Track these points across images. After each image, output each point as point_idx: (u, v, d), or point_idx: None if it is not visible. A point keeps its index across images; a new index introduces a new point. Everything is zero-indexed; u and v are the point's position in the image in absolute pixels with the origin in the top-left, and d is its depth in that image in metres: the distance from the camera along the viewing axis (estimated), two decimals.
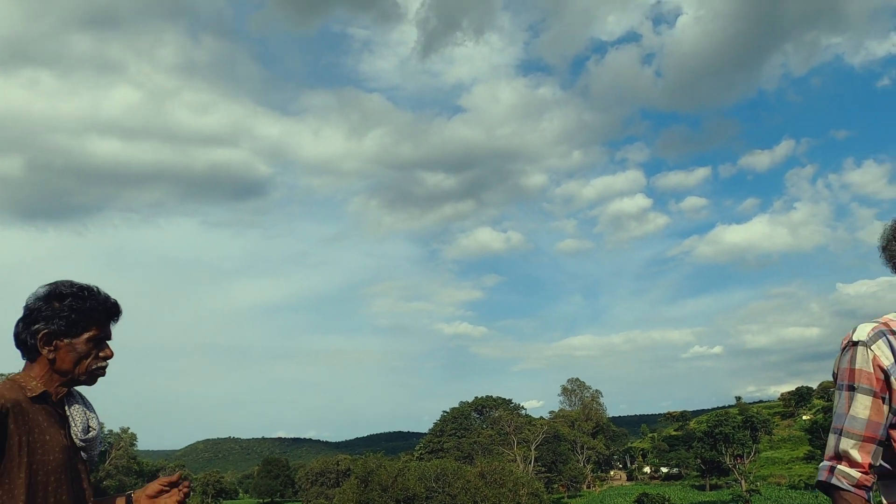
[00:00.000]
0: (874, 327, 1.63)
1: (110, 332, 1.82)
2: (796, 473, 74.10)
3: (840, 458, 1.62)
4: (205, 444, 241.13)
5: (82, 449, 1.77)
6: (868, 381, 1.59)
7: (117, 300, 1.85)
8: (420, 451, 77.41)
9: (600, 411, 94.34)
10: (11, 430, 1.58)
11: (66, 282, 1.79)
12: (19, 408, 1.61)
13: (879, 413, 1.58)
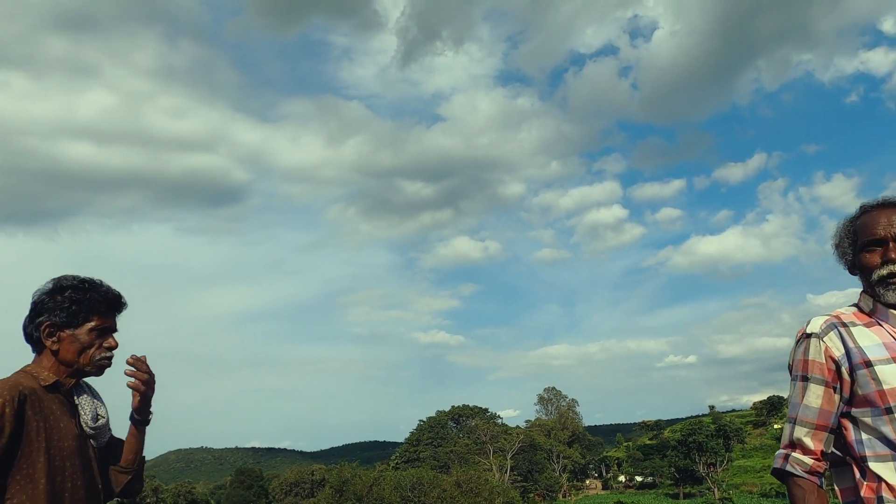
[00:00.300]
0: (826, 320, 1.68)
1: (114, 323, 1.88)
2: (768, 482, 75.07)
3: (794, 446, 1.67)
4: (176, 454, 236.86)
5: (92, 437, 1.83)
6: (820, 372, 1.64)
7: (120, 292, 1.90)
8: (396, 461, 76.97)
9: (576, 420, 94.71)
10: (29, 416, 1.64)
11: (68, 275, 1.86)
12: (35, 395, 1.68)
13: (831, 402, 1.63)
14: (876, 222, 1.67)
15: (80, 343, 1.79)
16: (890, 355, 1.58)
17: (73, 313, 1.79)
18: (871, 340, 1.62)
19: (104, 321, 1.83)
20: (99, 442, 1.87)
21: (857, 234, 1.71)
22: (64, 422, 1.73)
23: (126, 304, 1.92)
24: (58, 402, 1.75)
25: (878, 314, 1.66)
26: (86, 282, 1.84)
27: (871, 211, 1.70)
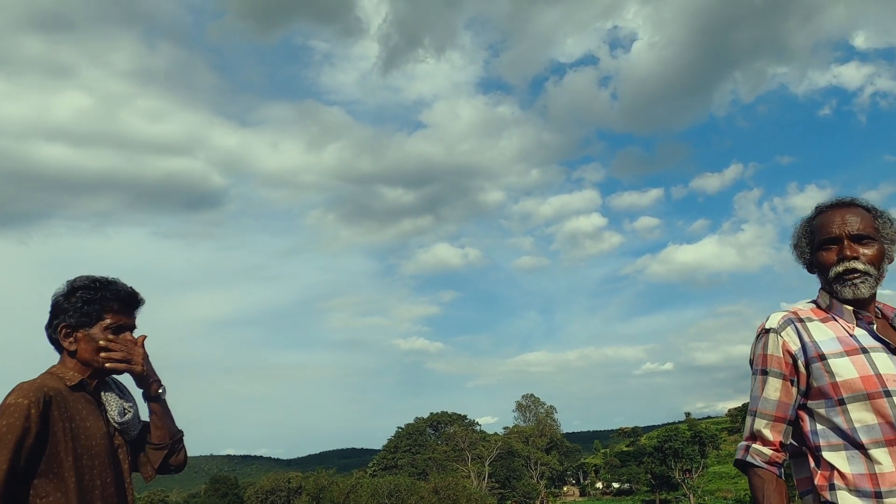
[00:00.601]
0: (784, 315, 1.75)
1: (129, 320, 1.89)
2: (742, 487, 75.98)
3: (755, 438, 1.73)
4: None
5: (120, 432, 1.86)
6: (778, 366, 1.70)
7: (134, 289, 1.91)
8: (373, 468, 76.53)
9: (554, 427, 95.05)
10: (55, 416, 1.67)
11: (82, 276, 1.88)
12: (61, 396, 1.71)
13: (789, 395, 1.70)
14: (831, 221, 1.73)
15: (96, 342, 1.81)
16: (843, 349, 1.64)
17: (86, 313, 1.81)
18: (826, 335, 1.68)
19: (118, 319, 1.85)
20: (129, 435, 1.89)
21: (814, 233, 1.78)
22: (91, 420, 1.76)
23: (142, 300, 1.93)
24: (84, 401, 1.78)
25: (833, 310, 1.73)
26: (98, 281, 1.86)
27: (826, 211, 1.77)
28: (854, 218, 1.71)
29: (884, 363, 1.61)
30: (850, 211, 1.73)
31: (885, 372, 1.59)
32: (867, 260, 1.69)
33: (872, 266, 1.69)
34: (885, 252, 1.72)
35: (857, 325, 1.69)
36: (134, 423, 1.91)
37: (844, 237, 1.70)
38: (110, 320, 1.84)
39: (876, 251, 1.70)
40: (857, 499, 1.56)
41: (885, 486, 1.54)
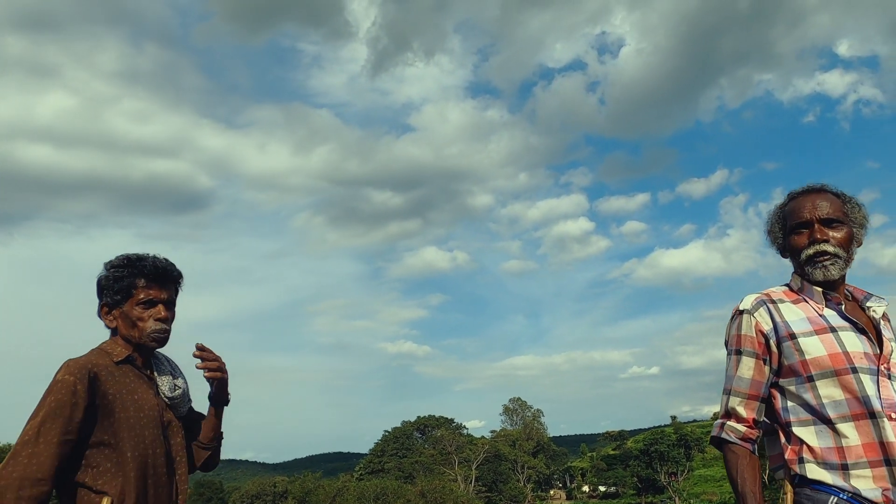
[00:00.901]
0: (757, 297, 1.82)
1: (163, 293, 1.91)
2: (727, 490, 76.48)
3: (729, 416, 1.80)
4: None
5: (171, 407, 1.92)
6: (752, 345, 1.78)
7: (167, 262, 1.94)
8: (360, 472, 76.24)
9: (541, 430, 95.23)
10: (103, 390, 1.75)
11: (119, 255, 1.95)
12: (107, 371, 1.79)
13: (762, 373, 1.77)
14: (802, 207, 1.82)
15: (131, 318, 1.87)
16: (812, 328, 1.72)
17: (117, 291, 1.88)
18: (797, 315, 1.76)
19: (147, 293, 1.88)
20: (179, 412, 1.96)
21: (786, 218, 1.86)
22: (139, 393, 1.83)
23: (176, 273, 1.96)
24: (133, 376, 1.85)
25: (804, 292, 1.81)
26: (128, 258, 1.92)
27: (797, 197, 1.86)
28: (824, 203, 1.79)
29: (851, 342, 1.69)
30: (820, 196, 1.81)
31: (852, 350, 1.67)
32: (837, 243, 1.76)
33: (842, 248, 1.77)
34: (854, 235, 1.80)
35: (826, 306, 1.77)
36: (184, 399, 1.97)
37: (815, 221, 1.78)
38: (142, 295, 1.88)
39: (845, 234, 1.78)
40: (824, 471, 1.64)
41: (851, 458, 1.61)
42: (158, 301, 1.90)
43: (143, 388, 1.85)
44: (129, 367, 1.87)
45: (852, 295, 1.85)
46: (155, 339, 1.89)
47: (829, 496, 1.62)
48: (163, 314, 1.89)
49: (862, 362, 1.65)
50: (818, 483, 1.64)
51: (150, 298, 1.88)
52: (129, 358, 1.87)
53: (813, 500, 1.64)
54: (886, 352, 1.70)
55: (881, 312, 1.80)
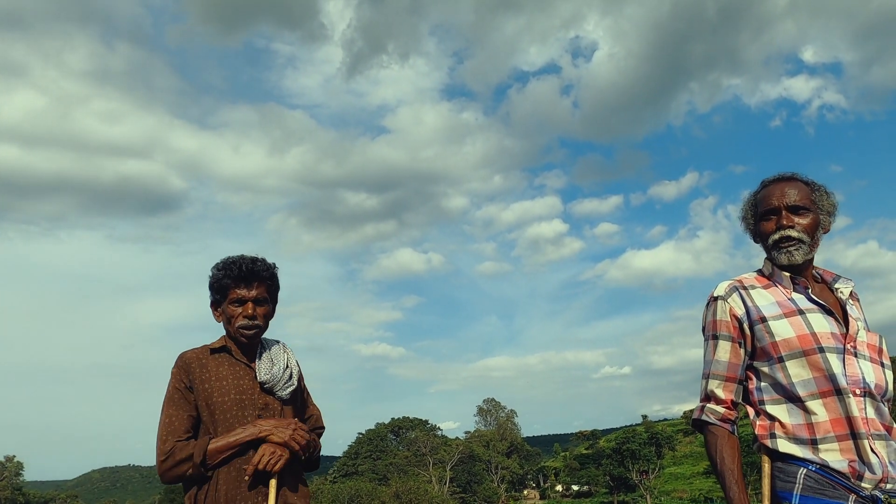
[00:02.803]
0: (730, 284, 1.92)
1: (251, 292, 2.10)
2: (697, 487, 77.78)
3: (709, 399, 1.88)
4: (101, 472, 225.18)
5: (267, 390, 2.09)
6: (727, 329, 1.87)
7: (256, 263, 2.13)
8: (334, 475, 75.66)
9: (515, 431, 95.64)
10: (194, 378, 2.03)
11: (222, 259, 2.16)
12: (199, 361, 2.06)
13: (738, 356, 1.86)
14: (771, 194, 1.92)
15: (228, 316, 2.11)
16: (782, 311, 1.82)
17: (217, 290, 2.13)
18: (767, 300, 1.86)
19: (235, 293, 2.10)
20: (279, 395, 2.11)
21: (757, 205, 1.96)
22: (230, 379, 2.05)
23: (264, 272, 2.14)
24: (227, 363, 2.09)
25: (774, 277, 1.91)
26: (225, 261, 2.14)
27: (769, 185, 1.95)
28: (792, 190, 1.89)
29: (818, 323, 1.79)
30: (788, 184, 1.91)
31: (820, 331, 1.77)
32: (802, 229, 1.86)
33: (806, 234, 1.86)
34: (821, 222, 1.90)
35: (794, 290, 1.87)
36: (278, 384, 2.11)
37: (782, 208, 1.88)
38: (233, 295, 2.10)
39: (810, 221, 1.87)
40: (794, 445, 1.74)
41: (819, 433, 1.71)
42: (248, 299, 2.10)
43: (237, 375, 2.07)
44: (226, 355, 2.10)
45: (822, 277, 1.95)
46: (243, 335, 2.10)
47: (799, 468, 1.71)
48: (250, 311, 2.09)
49: (829, 342, 1.75)
50: (789, 456, 1.74)
51: (240, 297, 2.09)
52: (224, 348, 2.11)
53: (784, 472, 1.74)
54: (852, 331, 1.79)
55: (848, 293, 1.90)
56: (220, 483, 1.95)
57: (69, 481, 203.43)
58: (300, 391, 2.26)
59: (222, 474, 1.97)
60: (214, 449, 1.95)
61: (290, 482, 2.06)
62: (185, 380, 2.03)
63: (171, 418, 2.00)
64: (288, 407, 2.13)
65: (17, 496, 67.25)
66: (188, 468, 1.93)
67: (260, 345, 2.17)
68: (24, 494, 70.31)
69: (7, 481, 66.63)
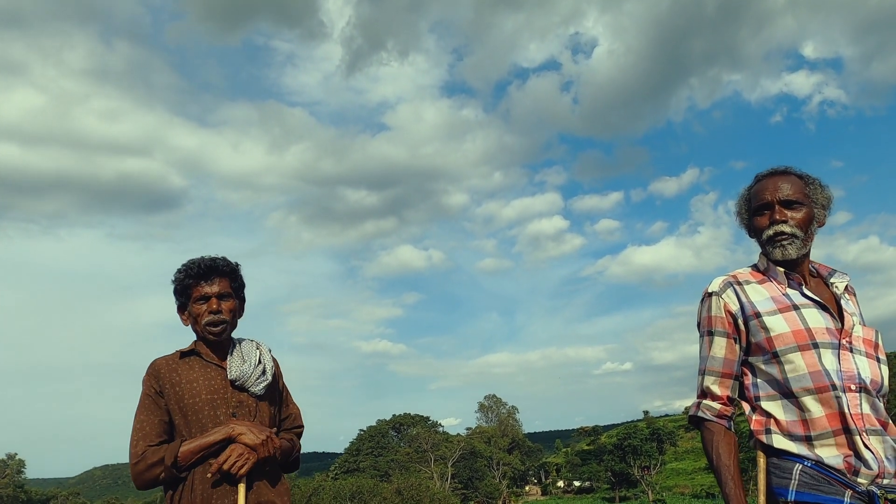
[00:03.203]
0: (724, 279, 1.91)
1: (209, 289, 2.10)
2: (699, 483, 77.87)
3: (705, 395, 1.87)
4: (102, 470, 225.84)
5: (239, 388, 2.09)
6: (722, 325, 1.86)
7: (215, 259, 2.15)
8: (335, 471, 75.81)
9: (516, 427, 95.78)
10: (163, 382, 2.05)
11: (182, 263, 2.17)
12: (168, 366, 2.08)
13: (733, 352, 1.85)
14: (765, 189, 1.90)
15: (193, 315, 2.12)
16: (776, 307, 1.81)
17: (181, 293, 2.14)
18: (762, 295, 1.84)
19: (198, 291, 2.11)
20: (252, 391, 2.11)
21: (751, 200, 1.94)
22: (201, 381, 2.07)
23: (221, 266, 2.14)
24: (198, 365, 2.10)
25: (769, 272, 1.89)
26: (185, 264, 2.15)
27: (762, 179, 1.93)
28: (785, 185, 1.87)
29: (813, 318, 1.77)
30: (782, 178, 1.89)
31: (814, 326, 1.75)
32: (795, 223, 1.84)
33: (799, 229, 1.84)
34: (815, 216, 1.88)
35: (788, 285, 1.85)
36: (249, 379, 2.10)
37: (775, 203, 1.86)
38: (196, 293, 2.11)
39: (804, 215, 1.85)
40: (790, 441, 1.73)
41: (815, 430, 1.70)
42: (211, 295, 2.10)
43: (208, 376, 2.08)
44: (196, 357, 2.11)
45: (818, 272, 1.93)
46: (210, 332, 2.10)
47: (795, 464, 1.70)
48: (214, 306, 2.09)
49: (824, 337, 1.74)
50: (784, 452, 1.73)
51: (203, 294, 2.10)
52: (193, 351, 2.12)
53: (780, 468, 1.73)
54: (848, 326, 1.78)
55: (843, 287, 1.88)
56: (195, 483, 1.97)
57: (71, 479, 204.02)
58: (277, 388, 2.24)
59: (198, 475, 1.98)
60: (187, 451, 1.97)
61: (268, 478, 2.07)
62: (156, 385, 2.06)
63: (143, 423, 2.02)
64: (263, 402, 2.13)
65: (19, 494, 67.43)
66: (160, 471, 1.95)
67: (232, 344, 2.17)
68: (26, 492, 70.48)
69: (9, 479, 66.80)
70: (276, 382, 2.23)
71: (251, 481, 2.02)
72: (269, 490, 2.06)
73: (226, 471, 1.96)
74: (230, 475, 1.97)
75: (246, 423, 2.04)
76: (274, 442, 2.04)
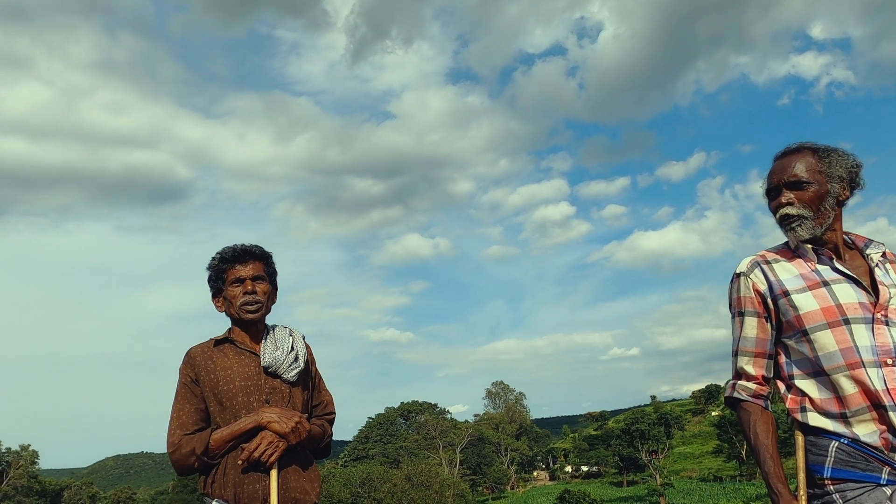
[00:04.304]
0: (752, 259, 1.88)
1: (244, 271, 2.12)
2: (706, 467, 78.23)
3: (739, 376, 1.86)
4: (115, 460, 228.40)
5: (272, 374, 2.10)
6: (752, 305, 1.83)
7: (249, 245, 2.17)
8: (345, 459, 76.40)
9: (524, 413, 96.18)
10: (200, 368, 2.08)
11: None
12: (203, 353, 2.11)
13: (765, 331, 1.83)
14: (773, 171, 1.87)
15: (228, 298, 2.13)
16: (805, 284, 1.78)
17: (216, 278, 2.16)
18: (790, 273, 1.82)
19: (232, 274, 2.13)
20: (285, 378, 2.11)
21: (766, 181, 1.91)
22: (235, 368, 2.08)
23: (257, 251, 2.17)
24: (232, 352, 2.11)
25: (798, 249, 1.86)
26: (218, 252, 2.18)
27: (774, 161, 1.90)
28: (792, 165, 1.82)
29: (844, 293, 1.74)
30: (790, 158, 1.84)
31: (845, 301, 1.72)
32: (801, 204, 1.80)
33: (807, 209, 1.79)
34: (829, 191, 1.81)
35: (818, 262, 1.82)
36: (281, 366, 2.10)
37: (781, 185, 1.83)
38: (231, 277, 2.13)
39: (812, 193, 1.80)
40: (825, 419, 1.70)
41: (849, 407, 1.67)
42: (245, 277, 2.12)
43: (242, 363, 2.09)
44: (229, 345, 2.13)
45: (854, 243, 1.89)
46: (247, 311, 2.11)
47: (831, 441, 1.68)
48: (249, 287, 2.11)
49: (856, 312, 1.70)
50: (820, 430, 1.71)
51: (238, 276, 2.12)
52: (227, 339, 2.14)
53: (816, 446, 1.71)
54: (883, 299, 1.74)
55: (878, 257, 1.83)
56: (228, 469, 2.00)
57: (84, 469, 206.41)
58: (310, 375, 2.25)
59: (230, 461, 2.01)
60: (218, 439, 2.00)
61: (300, 464, 2.08)
62: (191, 373, 2.09)
63: (179, 412, 2.06)
64: (296, 389, 2.14)
65: (33, 484, 68.23)
66: (194, 460, 2.00)
67: (266, 330, 2.19)
68: (40, 482, 71.32)
69: (23, 469, 67.57)
70: (309, 369, 2.23)
71: (282, 467, 2.03)
72: (300, 476, 2.07)
73: (255, 458, 1.98)
74: (260, 462, 1.98)
75: (276, 409, 2.04)
76: (304, 427, 2.05)
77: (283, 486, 2.01)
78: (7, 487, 64.04)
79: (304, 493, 2.06)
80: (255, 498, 1.98)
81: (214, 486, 2.00)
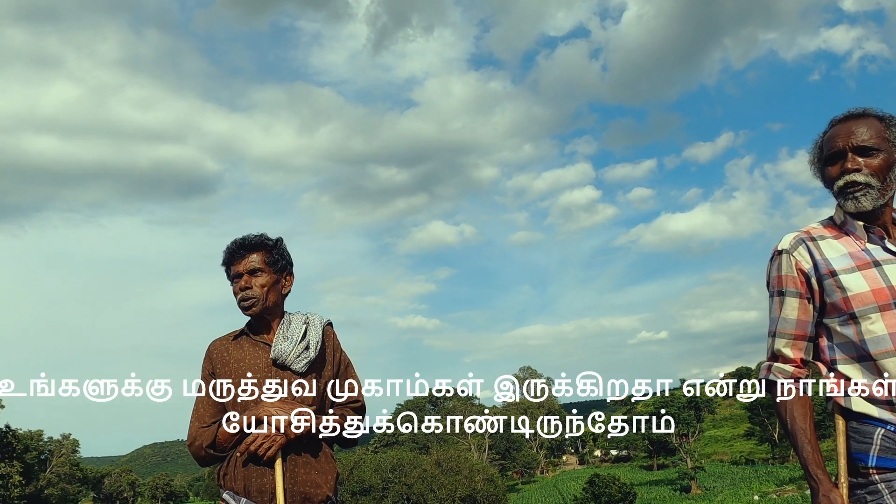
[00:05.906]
0: (796, 236, 1.77)
1: (241, 266, 2.11)
2: (737, 450, 77.33)
3: (776, 358, 1.77)
4: (152, 448, 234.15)
5: (281, 366, 2.08)
6: (794, 285, 1.73)
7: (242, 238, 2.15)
8: (375, 445, 77.25)
9: (552, 398, 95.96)
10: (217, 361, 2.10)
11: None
12: (220, 349, 2.13)
13: (806, 312, 1.73)
14: (837, 134, 1.72)
15: (234, 293, 2.14)
16: (854, 264, 1.67)
17: (226, 276, 2.17)
18: (838, 251, 1.70)
19: (232, 270, 2.14)
20: (294, 369, 2.08)
21: (823, 147, 1.78)
22: (248, 360, 2.09)
23: (252, 242, 2.14)
24: (247, 345, 2.13)
25: (847, 226, 1.74)
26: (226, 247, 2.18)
27: (836, 124, 1.75)
28: (860, 129, 1.69)
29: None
30: (857, 122, 1.71)
31: None
32: (870, 171, 1.67)
33: (875, 178, 1.67)
34: None
35: (868, 240, 1.70)
36: (289, 357, 2.07)
37: (848, 149, 1.69)
38: (231, 274, 2.15)
39: (881, 161, 1.67)
40: (870, 405, 1.63)
41: None
42: (241, 273, 2.11)
43: (255, 355, 2.10)
44: (245, 338, 2.14)
45: None
46: (243, 307, 2.12)
47: (876, 428, 1.61)
48: (242, 283, 2.10)
49: None
50: (864, 416, 1.63)
51: (235, 273, 2.13)
52: (243, 332, 2.16)
53: (860, 433, 1.64)
54: None
55: None
56: (238, 461, 2.02)
57: (122, 457, 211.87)
58: (332, 363, 2.19)
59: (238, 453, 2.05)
60: (224, 433, 2.04)
61: (311, 457, 2.04)
62: (209, 367, 2.13)
63: (197, 405, 2.12)
64: (308, 378, 2.08)
65: (75, 471, 70.37)
66: (205, 453, 2.07)
67: (283, 320, 2.15)
68: (82, 470, 73.53)
69: (65, 458, 69.67)
70: (325, 357, 2.16)
71: (292, 460, 2.01)
72: (311, 469, 2.04)
73: (252, 452, 1.98)
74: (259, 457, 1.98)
75: (277, 402, 2.01)
76: (306, 421, 2.00)
77: (291, 480, 1.99)
78: (51, 475, 66.12)
79: (315, 486, 2.01)
80: (263, 491, 1.97)
81: (226, 478, 2.03)
